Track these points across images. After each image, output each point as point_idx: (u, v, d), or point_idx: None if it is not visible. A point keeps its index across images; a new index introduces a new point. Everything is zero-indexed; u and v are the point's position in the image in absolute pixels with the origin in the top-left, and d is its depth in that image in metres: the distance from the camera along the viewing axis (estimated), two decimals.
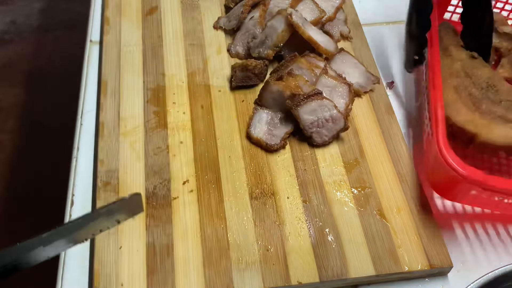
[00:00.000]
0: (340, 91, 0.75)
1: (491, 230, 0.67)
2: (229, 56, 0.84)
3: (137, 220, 0.64)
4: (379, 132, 0.74)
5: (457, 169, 0.58)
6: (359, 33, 0.88)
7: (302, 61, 0.75)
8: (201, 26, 0.89)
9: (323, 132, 0.71)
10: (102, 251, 0.62)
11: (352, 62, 0.81)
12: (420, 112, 0.78)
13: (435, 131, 0.62)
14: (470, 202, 0.67)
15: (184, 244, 0.63)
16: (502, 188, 0.57)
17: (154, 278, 0.60)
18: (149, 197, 0.67)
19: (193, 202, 0.66)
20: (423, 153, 0.70)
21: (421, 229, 0.65)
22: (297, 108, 0.70)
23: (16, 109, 1.72)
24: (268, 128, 0.73)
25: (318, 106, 0.71)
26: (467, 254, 0.66)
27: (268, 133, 0.72)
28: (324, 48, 0.78)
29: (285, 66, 0.76)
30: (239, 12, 0.86)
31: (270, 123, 0.73)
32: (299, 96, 0.70)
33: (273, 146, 0.71)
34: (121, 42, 0.85)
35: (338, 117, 0.71)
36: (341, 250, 0.62)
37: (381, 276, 0.61)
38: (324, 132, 0.71)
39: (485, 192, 0.60)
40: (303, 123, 0.71)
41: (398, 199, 0.67)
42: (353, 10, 0.92)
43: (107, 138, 0.72)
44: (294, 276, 0.60)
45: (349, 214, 0.66)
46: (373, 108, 0.77)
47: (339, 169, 0.70)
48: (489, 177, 0.57)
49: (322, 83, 0.75)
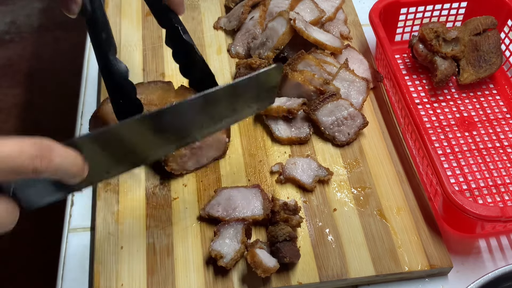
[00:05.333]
0: (357, 86, 0.76)
1: (491, 230, 0.67)
2: (229, 56, 0.84)
3: (137, 220, 0.65)
4: (379, 132, 0.74)
5: (472, 212, 0.58)
6: (359, 33, 0.88)
7: (310, 58, 0.75)
8: (201, 26, 0.89)
9: (344, 130, 0.72)
10: (102, 251, 0.62)
11: (358, 58, 0.81)
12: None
13: (439, 180, 0.62)
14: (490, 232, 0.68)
15: (184, 244, 0.63)
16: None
17: (154, 278, 0.60)
18: (149, 197, 0.67)
19: (193, 202, 0.66)
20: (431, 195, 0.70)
21: (421, 229, 0.65)
22: (315, 113, 0.71)
23: (16, 109, 1.72)
24: (290, 125, 0.73)
25: (335, 107, 0.71)
26: (467, 254, 0.66)
27: (295, 128, 0.73)
28: (331, 46, 0.79)
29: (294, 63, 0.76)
30: (239, 12, 0.86)
31: (289, 122, 0.73)
32: (314, 101, 0.71)
33: (306, 137, 0.72)
34: (121, 42, 0.85)
35: (356, 113, 0.72)
36: (341, 250, 0.62)
37: (381, 276, 0.61)
38: (346, 130, 0.72)
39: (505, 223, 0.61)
40: (324, 125, 0.72)
41: (398, 199, 0.67)
42: (353, 10, 0.92)
43: None
44: (294, 276, 0.60)
45: (349, 214, 0.66)
46: (373, 108, 0.77)
47: (339, 169, 0.70)
48: (504, 208, 0.58)
49: (341, 77, 0.75)
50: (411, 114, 0.68)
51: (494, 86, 0.83)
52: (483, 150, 0.75)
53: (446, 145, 0.75)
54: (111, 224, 0.64)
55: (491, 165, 0.73)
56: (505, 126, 0.78)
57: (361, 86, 0.76)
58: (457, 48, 0.80)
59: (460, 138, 0.76)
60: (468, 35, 0.81)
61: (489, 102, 0.81)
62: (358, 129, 0.72)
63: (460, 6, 0.86)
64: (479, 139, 0.76)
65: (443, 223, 0.67)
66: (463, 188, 0.71)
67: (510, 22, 0.83)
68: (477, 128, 0.78)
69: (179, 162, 0.67)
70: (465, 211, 0.59)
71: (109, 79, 0.61)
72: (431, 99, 0.81)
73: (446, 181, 0.61)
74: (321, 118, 0.72)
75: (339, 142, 0.72)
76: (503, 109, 0.80)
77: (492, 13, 0.82)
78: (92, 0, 0.58)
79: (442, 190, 0.61)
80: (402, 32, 0.88)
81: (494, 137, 0.76)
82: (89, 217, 0.67)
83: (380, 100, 0.79)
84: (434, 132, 0.77)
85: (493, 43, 0.80)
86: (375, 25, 0.78)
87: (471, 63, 0.81)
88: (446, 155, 0.74)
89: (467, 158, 0.74)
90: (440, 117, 0.79)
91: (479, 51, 0.81)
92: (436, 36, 0.79)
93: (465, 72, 0.81)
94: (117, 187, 0.68)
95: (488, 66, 0.80)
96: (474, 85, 0.82)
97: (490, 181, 0.72)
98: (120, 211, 0.65)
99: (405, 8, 0.84)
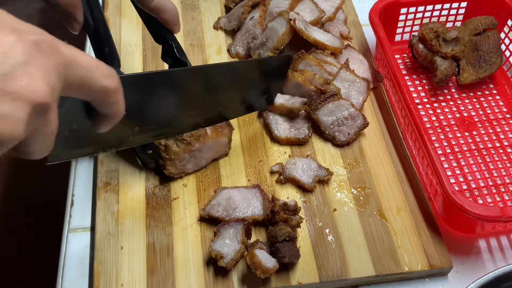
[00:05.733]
0: (358, 87, 0.76)
1: (491, 230, 0.67)
2: (229, 56, 0.84)
3: (137, 220, 0.65)
4: (379, 132, 0.74)
5: (472, 212, 0.58)
6: (359, 33, 0.88)
7: (310, 58, 0.75)
8: (201, 26, 0.89)
9: (345, 130, 0.72)
10: (102, 251, 0.62)
11: (358, 58, 0.81)
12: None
13: (439, 180, 0.62)
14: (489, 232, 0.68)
15: (184, 244, 0.63)
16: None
17: (154, 278, 0.60)
18: (149, 197, 0.67)
19: (193, 202, 0.66)
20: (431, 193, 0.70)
21: (421, 229, 0.64)
22: (316, 112, 0.71)
23: None
24: (290, 125, 0.73)
25: (336, 107, 0.72)
26: (467, 254, 0.66)
27: (294, 128, 0.73)
28: (331, 46, 0.79)
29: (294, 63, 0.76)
30: (239, 12, 0.86)
31: (289, 122, 0.73)
32: (315, 101, 0.71)
33: (305, 138, 0.72)
34: (121, 42, 0.85)
35: (356, 114, 0.72)
36: (341, 251, 0.62)
37: (381, 277, 0.61)
38: (346, 130, 0.72)
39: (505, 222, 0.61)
40: (324, 125, 0.72)
41: (398, 199, 0.67)
42: (353, 10, 0.92)
43: None
44: (294, 276, 0.60)
45: (349, 214, 0.66)
46: (373, 108, 0.77)
47: (339, 169, 0.70)
48: (504, 208, 0.58)
49: (341, 77, 0.75)
50: (411, 114, 0.68)
51: (494, 86, 0.83)
52: (483, 150, 0.75)
53: (446, 145, 0.75)
54: (111, 224, 0.64)
55: (491, 165, 0.73)
56: (505, 126, 0.78)
57: (362, 87, 0.76)
58: (457, 48, 0.80)
59: (460, 138, 0.76)
60: (468, 35, 0.81)
61: (489, 102, 0.81)
62: (358, 130, 0.72)
63: (460, 6, 0.86)
64: (479, 139, 0.76)
65: (443, 223, 0.67)
66: (463, 188, 0.71)
67: (510, 22, 0.83)
68: (477, 128, 0.78)
69: (178, 165, 0.66)
70: (465, 211, 0.59)
71: None
72: (431, 99, 0.81)
73: (446, 181, 0.61)
74: (321, 118, 0.72)
75: (339, 142, 0.72)
76: (503, 109, 0.80)
77: (492, 13, 0.82)
78: (95, 16, 0.58)
79: (442, 190, 0.61)
80: (402, 32, 0.88)
81: (494, 137, 0.76)
82: (89, 217, 0.67)
83: (380, 100, 0.79)
84: (434, 132, 0.77)
85: (493, 43, 0.81)
86: (375, 25, 0.78)
87: (471, 63, 0.81)
88: (446, 155, 0.74)
89: (467, 158, 0.74)
90: (440, 117, 0.79)
91: (479, 51, 0.81)
92: (436, 36, 0.79)
93: (465, 72, 0.81)
94: (117, 187, 0.68)
95: (488, 66, 0.80)
96: (474, 85, 0.82)
97: (490, 181, 0.72)
98: (120, 211, 0.65)
99: (405, 8, 0.84)
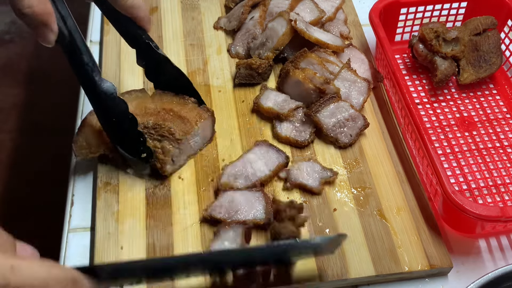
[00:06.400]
0: (359, 87, 0.76)
1: (491, 230, 0.67)
2: (229, 56, 0.84)
3: (137, 220, 0.65)
4: (379, 132, 0.74)
5: (472, 212, 0.58)
6: (359, 33, 0.88)
7: (312, 56, 0.75)
8: (201, 26, 0.89)
9: (347, 131, 0.72)
10: (102, 251, 0.62)
11: (360, 57, 0.81)
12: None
13: (439, 180, 0.62)
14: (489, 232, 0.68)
15: (184, 244, 0.63)
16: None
17: None
18: (149, 197, 0.67)
19: (193, 202, 0.66)
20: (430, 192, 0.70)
21: (421, 229, 0.64)
22: (317, 114, 0.71)
23: (16, 109, 1.72)
24: (293, 126, 0.73)
25: (336, 108, 0.72)
26: (467, 254, 0.66)
27: (296, 130, 0.73)
28: (333, 45, 0.79)
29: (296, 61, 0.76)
30: (239, 12, 0.86)
31: (294, 122, 0.73)
32: (316, 103, 0.71)
33: (304, 142, 0.71)
34: (121, 42, 0.85)
35: (356, 115, 0.72)
36: (341, 250, 0.62)
37: (381, 276, 0.61)
38: (348, 131, 0.72)
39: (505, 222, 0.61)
40: (326, 127, 0.71)
41: (398, 199, 0.67)
42: (353, 10, 0.92)
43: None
44: (294, 276, 0.60)
45: (349, 214, 0.66)
46: (373, 108, 0.77)
47: (339, 169, 0.70)
48: (504, 208, 0.58)
49: (342, 76, 0.75)
50: (411, 114, 0.68)
51: (494, 86, 0.83)
52: (483, 150, 0.75)
53: (446, 145, 0.75)
54: (111, 224, 0.64)
55: (491, 165, 0.73)
56: (505, 126, 0.78)
57: (363, 87, 0.76)
58: (457, 48, 0.80)
59: (460, 138, 0.76)
60: (468, 35, 0.81)
61: (489, 102, 0.81)
62: (359, 131, 0.72)
63: (460, 6, 0.86)
64: (479, 139, 0.76)
65: (443, 223, 0.67)
66: (463, 188, 0.71)
67: (510, 22, 0.83)
68: (477, 128, 0.78)
69: (173, 162, 0.67)
70: (465, 211, 0.59)
71: (98, 102, 0.61)
72: (431, 99, 0.81)
73: (446, 181, 0.61)
74: (323, 120, 0.71)
75: (342, 144, 0.72)
76: (503, 109, 0.80)
77: (492, 13, 0.82)
78: (67, 24, 0.56)
79: (442, 190, 0.61)
80: (402, 32, 0.88)
81: (494, 137, 0.76)
82: (89, 217, 0.67)
83: (380, 100, 0.79)
84: (434, 132, 0.77)
85: (493, 43, 0.81)
86: (375, 25, 0.78)
87: (471, 63, 0.81)
88: (446, 155, 0.74)
89: (467, 158, 0.74)
90: (440, 117, 0.79)
91: (479, 51, 0.81)
92: (436, 36, 0.79)
93: (465, 72, 0.81)
94: (117, 187, 0.68)
95: (488, 66, 0.80)
96: (474, 85, 0.82)
97: (490, 181, 0.72)
98: (120, 211, 0.65)
99: (405, 8, 0.84)
